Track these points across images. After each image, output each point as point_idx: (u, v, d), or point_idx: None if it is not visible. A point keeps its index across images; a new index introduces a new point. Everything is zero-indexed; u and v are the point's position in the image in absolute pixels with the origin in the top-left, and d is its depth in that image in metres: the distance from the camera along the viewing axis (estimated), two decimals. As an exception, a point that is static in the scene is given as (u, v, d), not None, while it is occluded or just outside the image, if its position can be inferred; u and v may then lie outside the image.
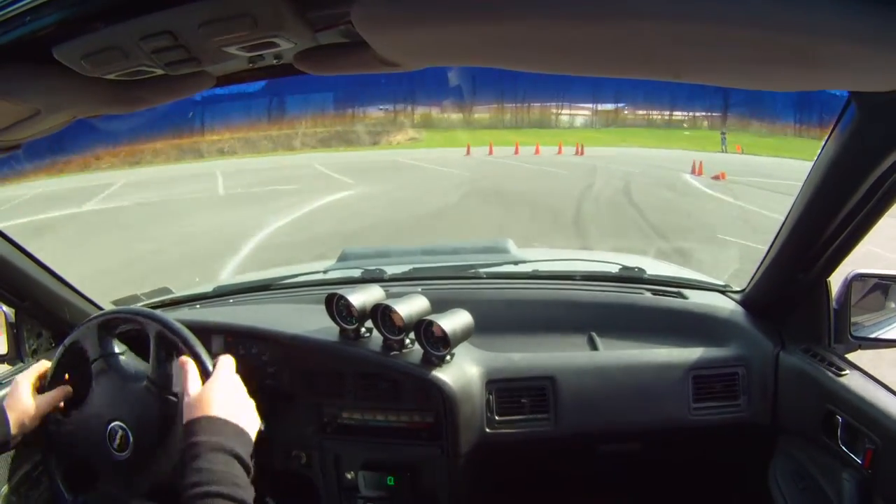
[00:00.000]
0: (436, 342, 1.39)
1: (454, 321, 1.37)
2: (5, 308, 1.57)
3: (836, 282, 1.36)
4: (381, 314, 1.41)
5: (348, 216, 9.10)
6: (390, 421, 1.43)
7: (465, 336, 1.40)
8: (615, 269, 1.75)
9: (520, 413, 1.44)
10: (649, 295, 1.64)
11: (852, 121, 0.97)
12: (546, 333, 1.58)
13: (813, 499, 1.30)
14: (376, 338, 1.44)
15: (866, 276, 1.36)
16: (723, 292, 1.65)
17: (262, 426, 1.41)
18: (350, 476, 1.47)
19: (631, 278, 1.71)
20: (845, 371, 1.26)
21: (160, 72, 0.68)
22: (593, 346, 1.54)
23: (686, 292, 1.65)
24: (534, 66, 0.71)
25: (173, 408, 1.13)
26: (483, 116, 18.48)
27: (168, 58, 0.64)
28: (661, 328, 1.56)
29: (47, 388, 1.20)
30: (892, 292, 1.43)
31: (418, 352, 1.41)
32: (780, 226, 1.31)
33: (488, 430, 1.43)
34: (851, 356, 1.34)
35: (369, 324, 1.45)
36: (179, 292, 1.90)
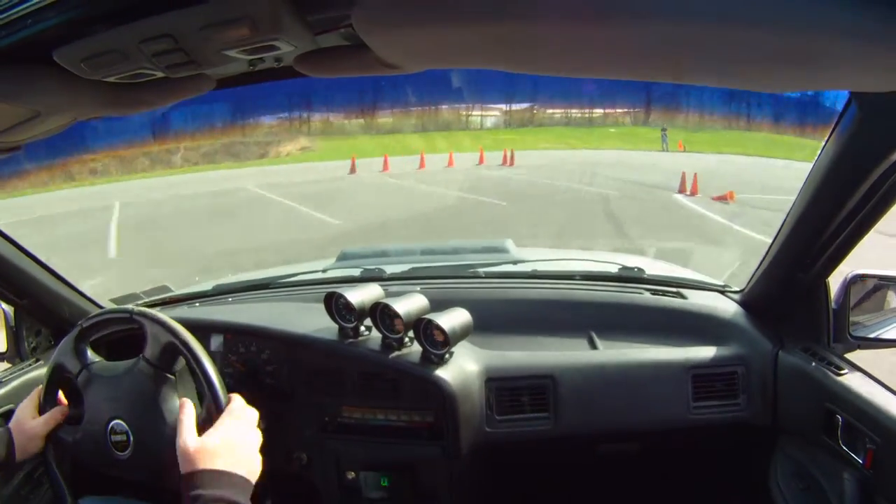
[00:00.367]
0: (435, 341, 1.39)
1: (453, 320, 1.38)
2: (4, 306, 1.57)
3: (835, 282, 1.36)
4: (381, 313, 1.41)
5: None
6: (390, 420, 1.44)
7: (465, 335, 1.40)
8: (615, 269, 1.75)
9: (519, 412, 1.44)
10: (649, 295, 1.64)
11: (852, 121, 0.97)
12: (545, 333, 1.58)
13: (813, 499, 1.30)
14: (375, 336, 1.45)
15: (865, 276, 1.36)
16: (722, 292, 1.65)
17: (262, 426, 1.41)
18: (350, 476, 1.47)
19: (630, 278, 1.71)
20: (845, 370, 1.26)
21: (160, 74, 0.68)
22: (593, 345, 1.54)
23: (685, 292, 1.65)
24: (534, 67, 0.71)
25: (171, 394, 1.12)
26: (386, 121, 15.98)
27: (168, 61, 0.64)
28: (660, 328, 1.56)
29: (43, 407, 1.22)
30: (891, 292, 1.43)
31: (417, 350, 1.41)
32: (779, 226, 1.31)
33: (488, 428, 1.43)
34: (851, 356, 1.35)
35: (368, 322, 1.45)
36: (178, 290, 1.90)
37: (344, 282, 1.75)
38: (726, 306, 1.58)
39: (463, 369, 1.42)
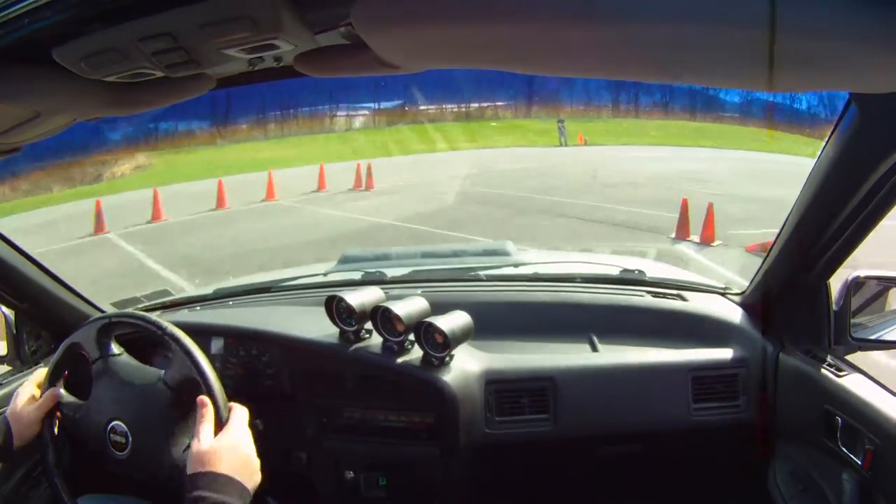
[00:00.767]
0: (435, 343, 1.39)
1: (454, 323, 1.38)
2: (5, 309, 1.57)
3: (836, 284, 1.36)
4: (381, 316, 1.41)
5: None
6: (390, 421, 1.44)
7: (465, 337, 1.40)
8: (615, 272, 1.75)
9: (519, 414, 1.44)
10: (649, 297, 1.64)
11: (853, 121, 0.97)
12: (546, 335, 1.58)
13: (813, 499, 1.30)
14: (376, 339, 1.45)
15: (866, 278, 1.36)
16: (723, 294, 1.65)
17: (261, 426, 1.41)
18: (350, 476, 1.47)
19: (631, 280, 1.71)
20: (845, 372, 1.26)
21: (160, 74, 0.68)
22: (593, 347, 1.54)
23: (686, 294, 1.65)
24: (534, 67, 0.71)
25: (181, 416, 1.14)
26: (241, 128, 13.62)
27: (168, 60, 0.64)
28: (660, 330, 1.55)
29: (44, 392, 1.22)
30: (892, 294, 1.43)
31: (418, 353, 1.41)
32: (780, 227, 1.31)
33: (488, 430, 1.43)
34: (851, 358, 1.34)
35: (369, 325, 1.45)
36: (178, 294, 1.90)
37: (344, 285, 1.75)
38: (727, 308, 1.58)
39: (463, 372, 1.42)
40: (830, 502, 1.24)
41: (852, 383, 1.23)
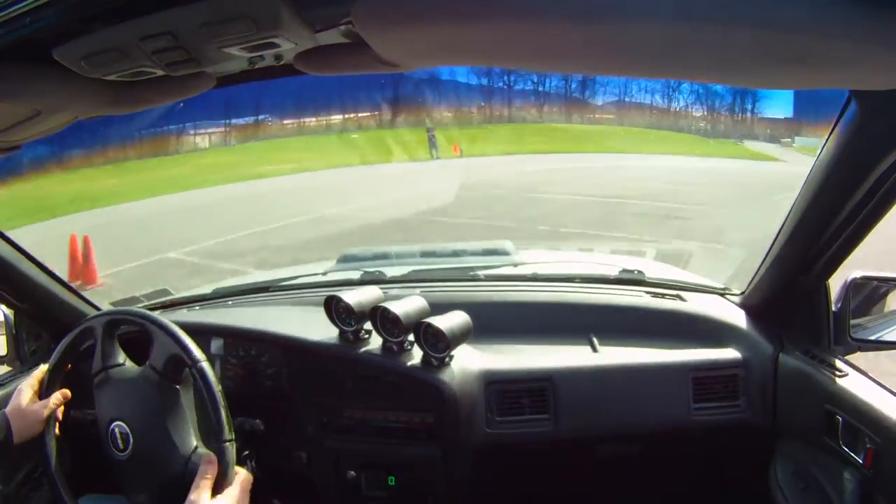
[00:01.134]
0: (435, 344, 1.39)
1: (453, 323, 1.38)
2: (5, 309, 1.57)
3: (835, 284, 1.36)
4: (381, 316, 1.41)
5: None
6: (390, 421, 1.43)
7: (465, 337, 1.40)
8: (615, 272, 1.75)
9: (519, 414, 1.44)
10: (649, 297, 1.64)
11: (853, 120, 0.97)
12: (545, 336, 1.58)
13: (814, 499, 1.29)
14: (375, 339, 1.45)
15: (866, 278, 1.36)
16: (722, 295, 1.65)
17: (262, 426, 1.41)
18: (350, 475, 1.47)
19: (630, 280, 1.71)
20: (845, 372, 1.26)
21: (160, 73, 0.68)
22: (593, 347, 1.54)
23: (685, 295, 1.65)
24: (534, 65, 0.71)
25: (174, 402, 1.14)
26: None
27: (168, 58, 0.64)
28: (660, 330, 1.55)
29: (46, 392, 1.22)
30: (892, 295, 1.43)
31: (418, 353, 1.41)
32: (779, 227, 1.31)
33: (488, 430, 1.43)
34: (851, 358, 1.34)
35: (368, 325, 1.45)
36: (178, 294, 1.90)
37: (344, 284, 1.75)
38: (726, 309, 1.58)
39: (463, 372, 1.41)
40: (832, 501, 1.24)
41: (853, 383, 1.23)
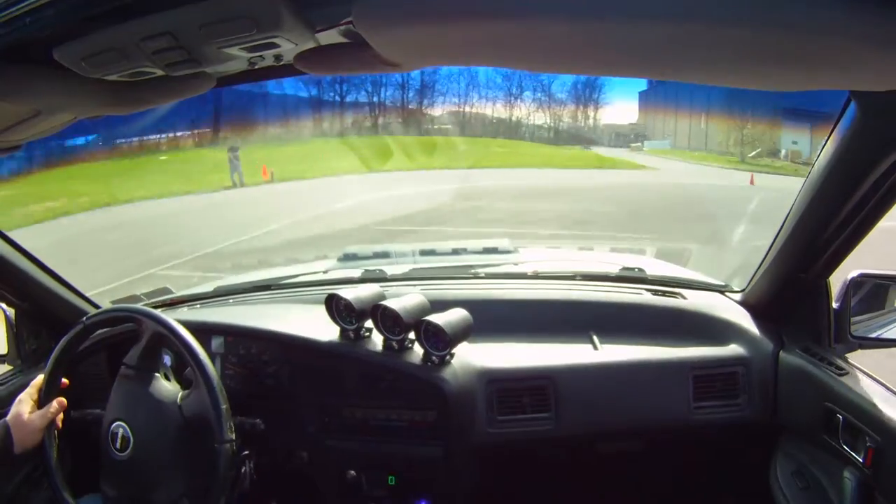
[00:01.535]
0: (436, 342, 1.39)
1: (454, 321, 1.38)
2: (6, 308, 1.57)
3: (836, 282, 1.36)
4: (381, 314, 1.41)
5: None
6: (391, 420, 1.44)
7: (465, 336, 1.40)
8: (615, 269, 1.75)
9: (520, 412, 1.44)
10: (649, 295, 1.64)
11: (852, 120, 0.97)
12: (546, 333, 1.58)
13: (814, 497, 1.30)
14: (376, 338, 1.45)
15: (867, 276, 1.36)
16: (722, 292, 1.65)
17: (262, 425, 1.42)
18: (351, 474, 1.47)
19: (631, 278, 1.71)
20: (845, 370, 1.26)
21: (161, 73, 0.68)
22: (593, 345, 1.54)
23: (686, 292, 1.65)
24: (534, 65, 0.71)
25: (182, 431, 1.18)
26: None
27: (168, 59, 0.64)
28: (660, 328, 1.55)
29: (45, 399, 1.23)
30: (893, 293, 1.43)
31: (418, 352, 1.41)
32: (780, 226, 1.31)
33: (489, 429, 1.43)
34: (852, 356, 1.34)
35: (369, 324, 1.45)
36: (179, 292, 1.90)
37: (344, 283, 1.75)
38: (727, 306, 1.58)
39: (464, 370, 1.42)
40: (832, 500, 1.24)
41: (853, 381, 1.23)
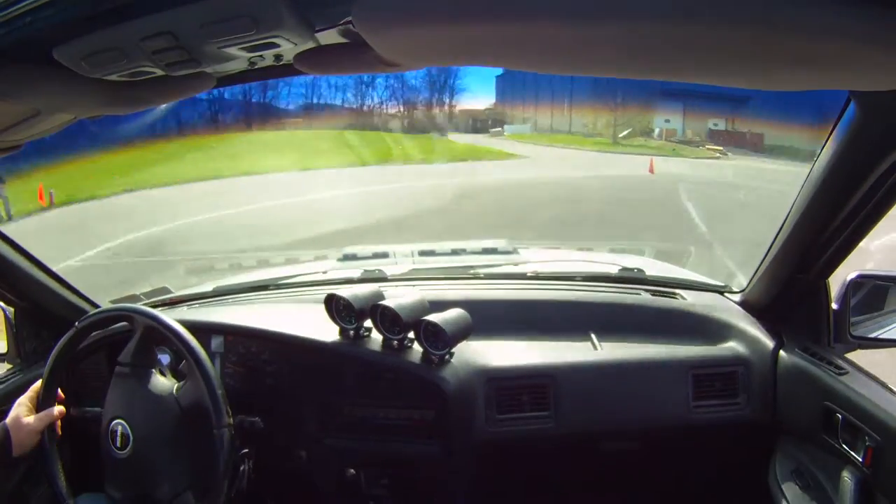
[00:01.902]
0: (435, 341, 1.39)
1: (453, 320, 1.38)
2: (5, 307, 1.57)
3: (835, 282, 1.36)
4: (381, 314, 1.41)
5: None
6: (391, 419, 1.44)
7: (465, 335, 1.40)
8: (615, 270, 1.76)
9: (520, 411, 1.44)
10: (649, 295, 1.64)
11: (852, 120, 0.97)
12: (546, 334, 1.58)
13: (813, 497, 1.30)
14: (376, 338, 1.45)
15: (866, 276, 1.36)
16: (721, 293, 1.65)
17: (262, 424, 1.42)
18: (350, 474, 1.47)
19: (630, 279, 1.71)
20: (845, 370, 1.26)
21: (160, 72, 0.68)
22: (593, 345, 1.54)
23: (685, 293, 1.65)
24: (534, 65, 0.71)
25: (180, 423, 1.19)
26: None
27: (168, 58, 0.64)
28: (660, 328, 1.56)
29: (43, 403, 1.24)
30: (892, 293, 1.43)
31: (418, 351, 1.41)
32: (780, 226, 1.31)
33: (489, 428, 1.43)
34: (851, 356, 1.34)
35: (368, 323, 1.45)
36: (178, 292, 1.90)
37: (344, 283, 1.75)
38: (726, 306, 1.58)
39: (463, 369, 1.42)
40: (831, 499, 1.24)
41: (852, 381, 1.23)
